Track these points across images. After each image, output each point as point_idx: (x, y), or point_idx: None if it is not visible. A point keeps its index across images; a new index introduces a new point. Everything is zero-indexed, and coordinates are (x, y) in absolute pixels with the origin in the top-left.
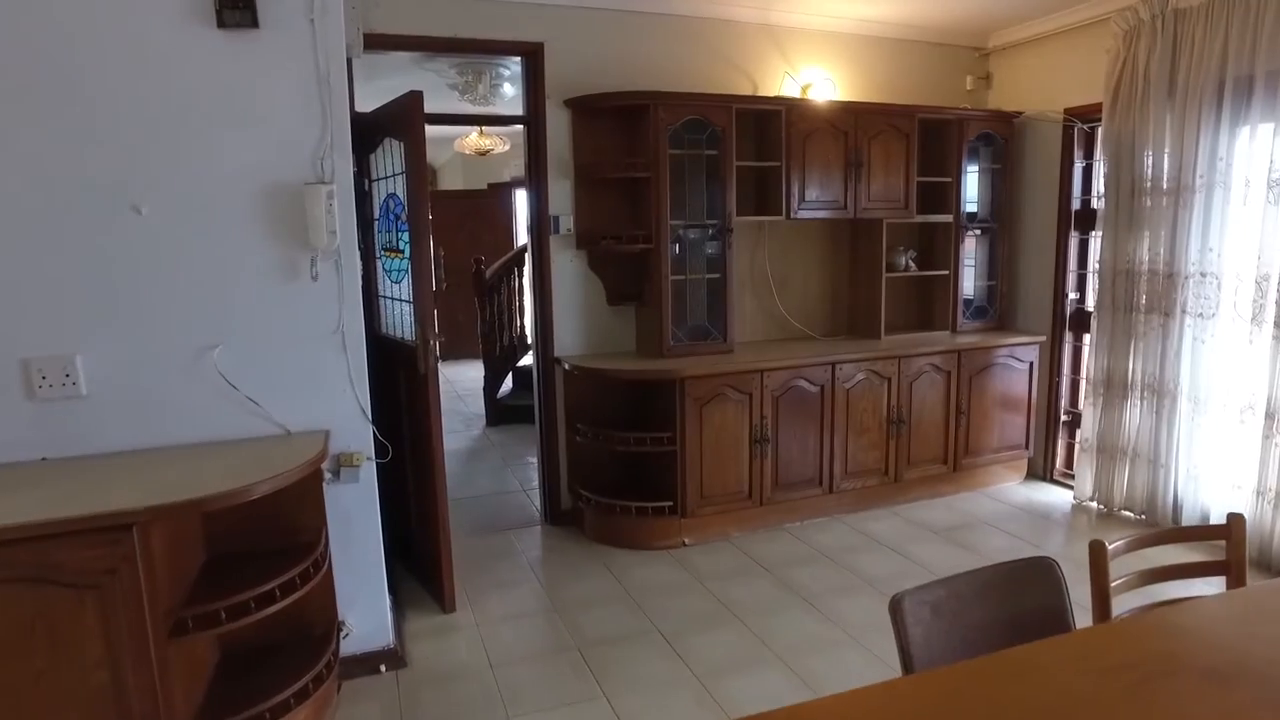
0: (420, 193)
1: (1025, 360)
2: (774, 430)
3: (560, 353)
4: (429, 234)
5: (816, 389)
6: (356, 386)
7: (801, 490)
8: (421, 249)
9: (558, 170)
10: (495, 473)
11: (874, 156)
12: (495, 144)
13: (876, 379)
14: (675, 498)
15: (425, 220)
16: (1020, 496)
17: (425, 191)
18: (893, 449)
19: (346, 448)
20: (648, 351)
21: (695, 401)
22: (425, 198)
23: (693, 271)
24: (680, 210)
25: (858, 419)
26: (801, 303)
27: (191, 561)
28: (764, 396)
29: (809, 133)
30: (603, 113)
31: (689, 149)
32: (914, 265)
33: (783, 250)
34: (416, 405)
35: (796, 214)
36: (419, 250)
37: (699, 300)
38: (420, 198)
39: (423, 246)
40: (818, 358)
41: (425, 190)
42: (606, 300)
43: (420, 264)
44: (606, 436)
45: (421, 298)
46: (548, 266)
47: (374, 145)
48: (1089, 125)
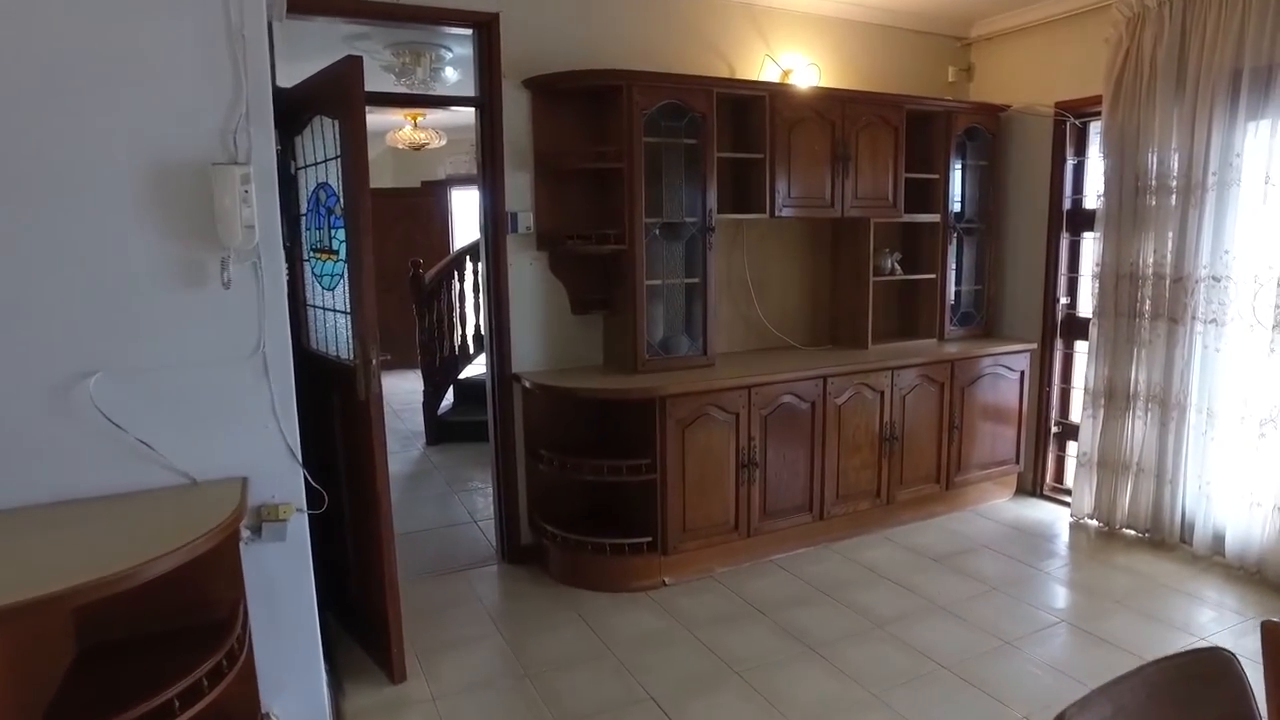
0: (360, 181)
1: (1016, 369)
2: (763, 453)
3: (519, 368)
4: (370, 231)
5: (807, 406)
6: (283, 421)
7: (791, 518)
8: (361, 248)
9: (515, 160)
10: (441, 501)
11: (861, 150)
12: (430, 138)
13: (869, 393)
14: (655, 532)
15: (366, 214)
16: (1013, 514)
17: (365, 179)
18: (885, 468)
19: (270, 498)
20: (618, 366)
21: (677, 424)
22: (366, 186)
23: (669, 276)
24: (655, 207)
25: (850, 437)
26: (781, 309)
27: (53, 663)
28: (752, 416)
29: (794, 122)
30: (567, 95)
31: (666, 137)
32: (899, 268)
33: (761, 252)
34: (356, 438)
35: (780, 212)
36: (358, 250)
37: (676, 308)
38: (360, 186)
39: (363, 246)
40: (808, 371)
41: (365, 178)
42: (571, 308)
43: (360, 267)
44: (574, 464)
45: (362, 308)
46: (504, 270)
47: (301, 126)
48: (1082, 120)
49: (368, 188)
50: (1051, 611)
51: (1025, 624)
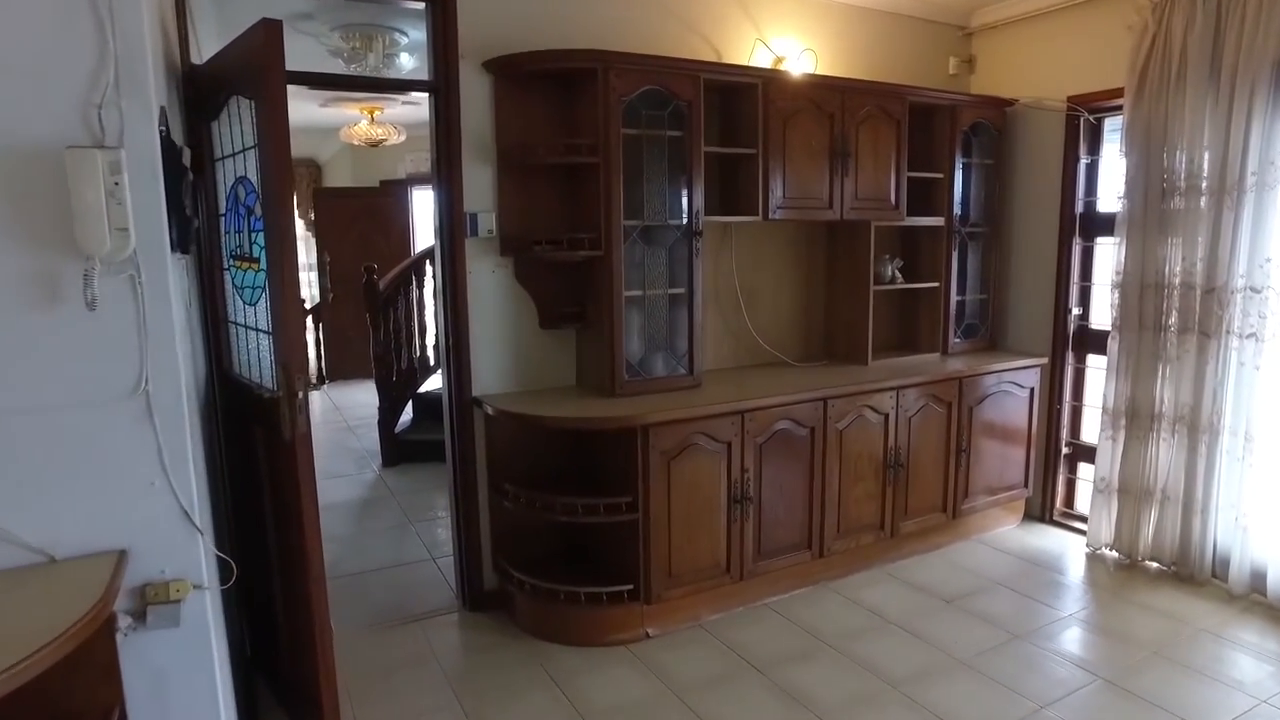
0: (280, 174)
1: (1026, 386)
2: (757, 486)
3: (480, 390)
4: (293, 233)
5: (806, 432)
6: (175, 476)
7: (787, 557)
8: (283, 256)
9: (476, 154)
10: (396, 534)
11: (862, 146)
12: (388, 134)
13: (873, 416)
14: (637, 579)
15: (288, 212)
16: (1022, 544)
17: (287, 170)
18: (890, 498)
19: (159, 574)
20: (593, 387)
21: (662, 456)
22: (288, 179)
23: (651, 285)
24: (635, 208)
25: (852, 465)
26: (772, 321)
27: None
28: (745, 445)
29: (790, 114)
30: (536, 79)
31: (647, 128)
32: (900, 276)
33: (751, 258)
34: (281, 483)
35: (774, 214)
36: (280, 258)
37: (659, 322)
38: (280, 179)
39: (285, 253)
40: (808, 393)
41: (287, 169)
42: (539, 322)
43: (283, 278)
44: (544, 502)
45: (285, 329)
46: (462, 279)
47: (216, 109)
48: (1097, 116)
49: (290, 182)
50: (1081, 664)
51: (1055, 681)
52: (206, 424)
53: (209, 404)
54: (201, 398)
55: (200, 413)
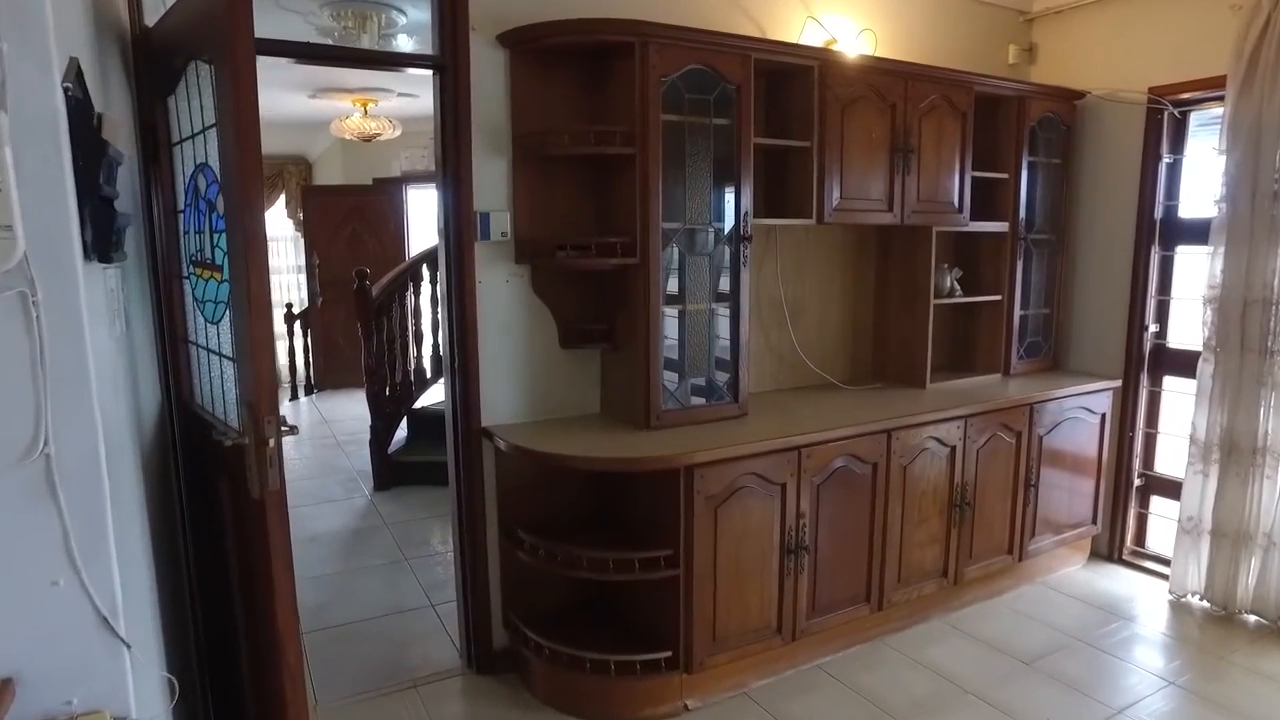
0: (246, 155)
1: (1097, 412)
2: (813, 532)
3: (490, 420)
4: (263, 233)
5: (868, 469)
6: (87, 569)
7: (843, 612)
8: (250, 262)
9: (488, 143)
10: (389, 574)
11: (925, 140)
12: (383, 128)
13: (939, 448)
14: (676, 645)
15: (255, 206)
16: (1092, 587)
17: (254, 152)
18: (954, 541)
19: (64, 707)
20: (622, 417)
21: (707, 501)
22: (255, 164)
23: (692, 299)
24: (675, 208)
25: (916, 504)
26: (818, 337)
27: None
28: (802, 486)
29: (849, 102)
30: (560, 55)
31: (690, 114)
32: (959, 288)
33: (795, 267)
34: (249, 552)
35: (830, 216)
36: (246, 265)
37: (700, 341)
38: (246, 164)
39: (252, 257)
40: (870, 424)
41: (254, 150)
42: (559, 341)
43: (249, 291)
44: (568, 556)
45: (254, 357)
46: (471, 290)
47: (173, 79)
48: (1182, 109)
49: (258, 168)
50: None
51: None
52: (156, 475)
53: (161, 446)
54: (147, 443)
55: (144, 464)
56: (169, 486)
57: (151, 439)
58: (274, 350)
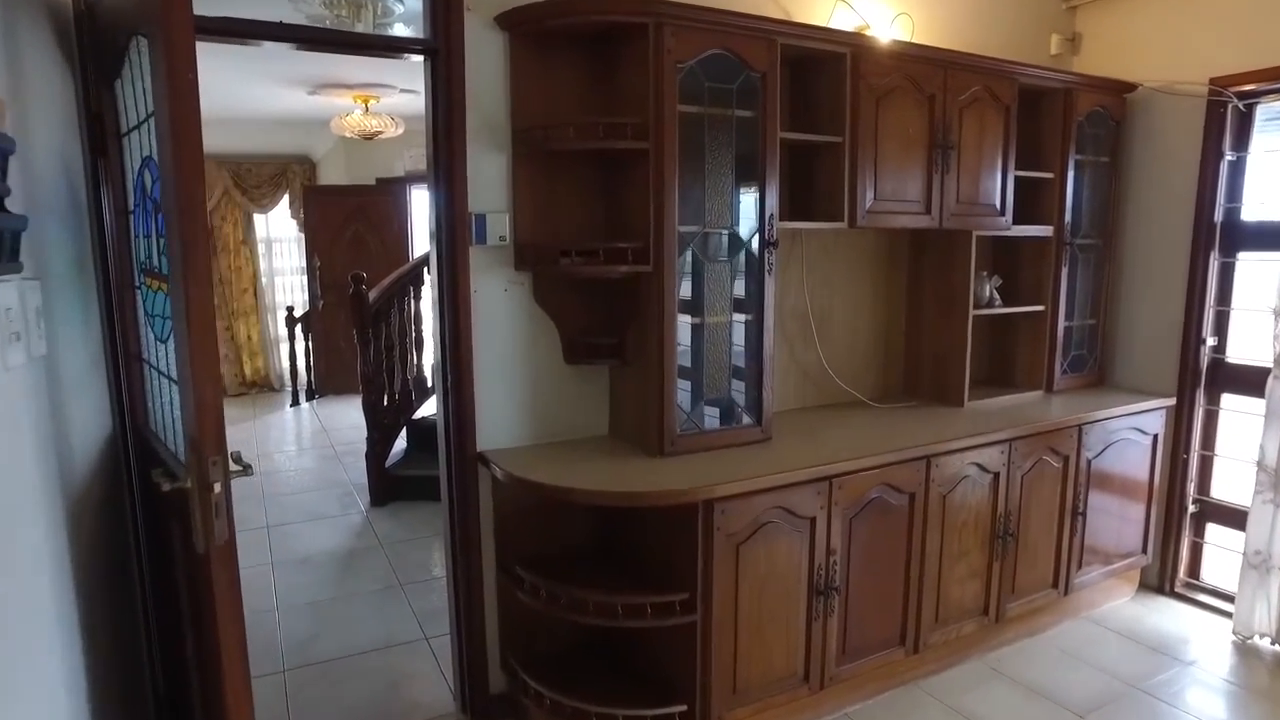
0: (184, 148)
1: (1149, 432)
2: (844, 571)
3: (486, 443)
4: (205, 239)
5: (904, 499)
6: None
7: (876, 657)
8: (191, 272)
9: (485, 137)
10: (383, 601)
11: (965, 136)
12: (384, 125)
13: (981, 475)
14: (691, 697)
15: (194, 209)
16: (1142, 624)
17: (192, 142)
18: (996, 576)
19: None
20: (632, 441)
21: (729, 540)
22: (193, 159)
23: (711, 310)
24: (693, 209)
25: (956, 537)
26: (846, 351)
27: None
28: (833, 520)
29: (884, 93)
30: (565, 38)
31: (711, 105)
32: (998, 297)
33: (821, 274)
34: (199, 612)
35: (863, 219)
36: (186, 275)
37: (720, 357)
38: (184, 156)
39: (190, 268)
40: (908, 450)
41: (193, 137)
42: (564, 355)
43: (190, 307)
44: (573, 599)
45: (196, 383)
46: (465, 299)
47: (117, 59)
48: (1248, 102)
49: (198, 162)
50: None
51: None
52: (100, 511)
53: (111, 477)
54: (79, 481)
55: (75, 505)
56: (120, 522)
57: (92, 473)
58: (218, 376)
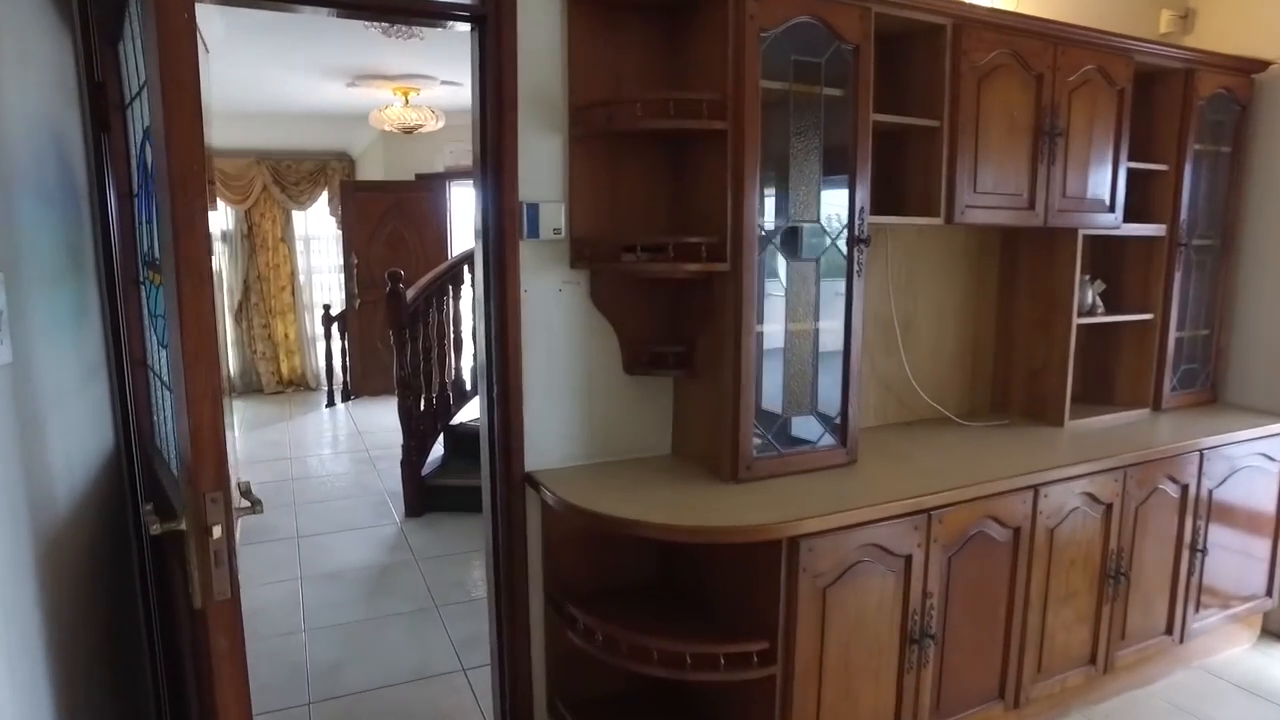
0: (176, 99)
1: (1278, 459)
2: (941, 616)
3: (535, 462)
4: (204, 221)
5: (1009, 534)
6: None
7: (972, 711)
8: (185, 262)
9: (538, 117)
10: (417, 623)
11: (1074, 122)
12: (425, 118)
13: (1092, 506)
14: None
15: (190, 178)
16: (1266, 675)
17: (186, 95)
18: (1106, 620)
19: None
20: (701, 462)
21: (814, 582)
22: (188, 112)
23: (794, 316)
24: (775, 201)
25: (1063, 576)
26: (930, 362)
27: None
28: (931, 558)
29: (988, 72)
30: (629, 6)
31: (797, 82)
32: (1100, 304)
33: (907, 276)
34: (200, 673)
35: (962, 215)
36: (180, 266)
37: (803, 369)
38: (176, 114)
39: (188, 255)
40: (1015, 477)
41: (187, 91)
42: (623, 364)
43: (186, 306)
44: (634, 646)
45: (194, 401)
46: (514, 300)
47: (119, 17)
48: None
49: (195, 121)
50: None
51: None
52: (96, 538)
53: (112, 498)
54: (63, 508)
55: (58, 534)
56: (122, 561)
57: (80, 504)
58: (218, 390)
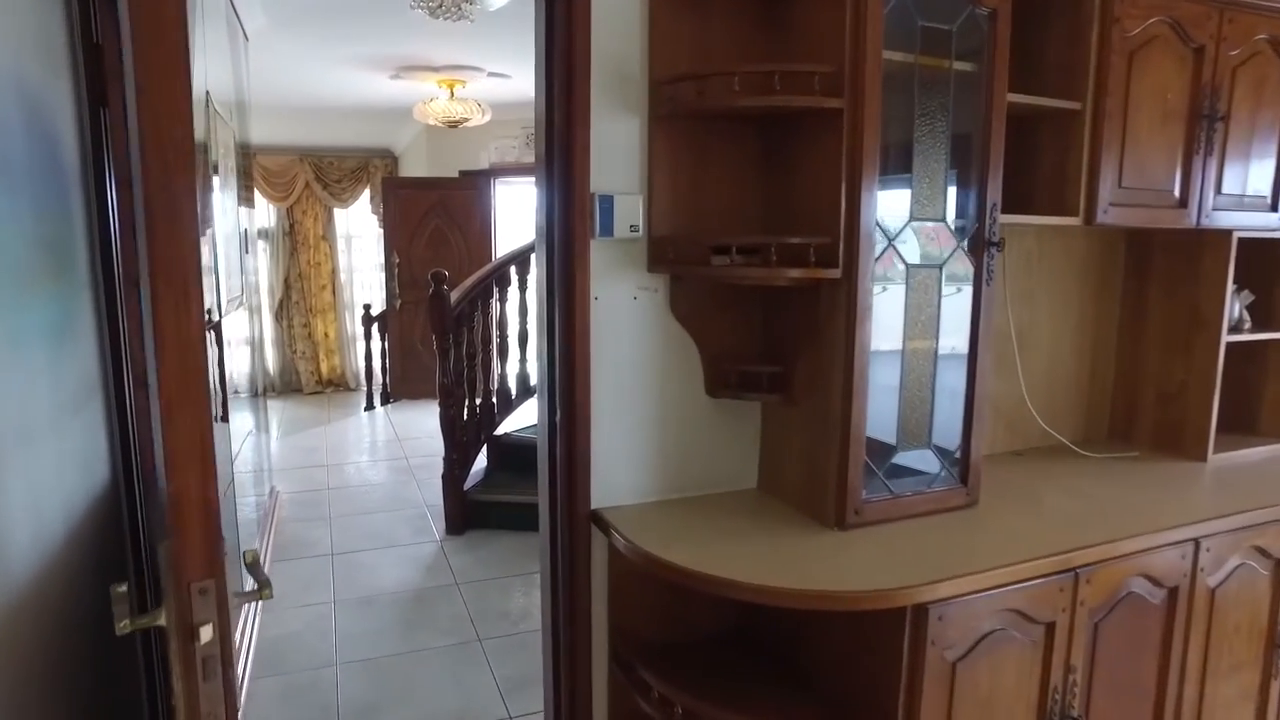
0: (154, 48)
1: None
2: (1085, 695)
3: (602, 497)
4: (189, 207)
5: (1162, 596)
6: None
7: None
8: (166, 268)
9: (614, 92)
10: (457, 663)
11: (1237, 104)
12: (470, 112)
13: (1261, 562)
14: None
15: (173, 152)
16: None
17: (170, 43)
18: (1275, 697)
19: None
20: (796, 502)
21: (942, 654)
22: (169, 63)
23: (913, 334)
24: (896, 195)
25: (1224, 646)
26: (1046, 382)
27: None
28: (1076, 624)
29: (1141, 44)
30: None
31: (925, 53)
32: (1248, 317)
33: (1024, 285)
34: None
35: (1104, 215)
36: (158, 277)
37: (921, 395)
38: (154, 65)
39: (169, 257)
40: (1175, 527)
41: (170, 40)
42: (705, 385)
43: (165, 330)
44: None
45: (172, 448)
46: (581, 309)
47: None
48: None
49: (179, 72)
50: None
51: None
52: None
53: (102, 556)
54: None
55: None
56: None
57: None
58: (209, 450)
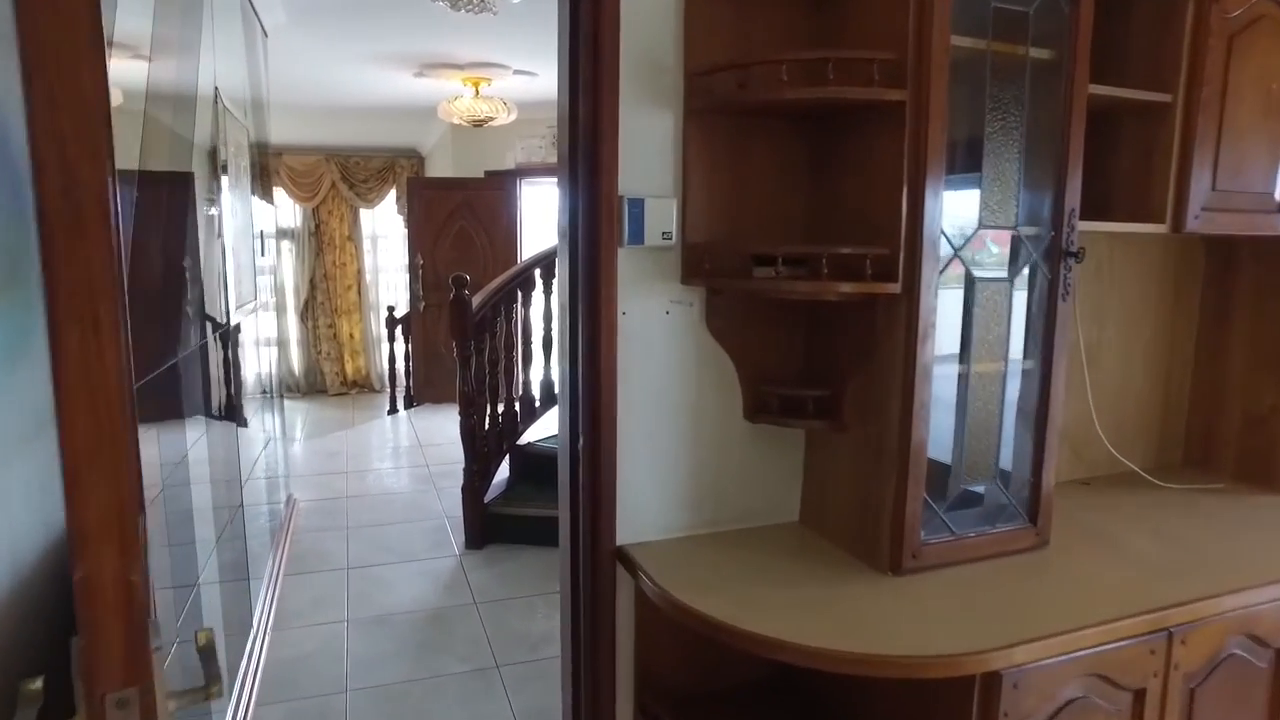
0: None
1: None
2: None
3: (629, 533)
4: (95, 201)
5: (1269, 657)
6: None
7: None
8: (69, 289)
9: (645, 83)
10: (473, 693)
11: None
12: (496, 110)
13: None
14: None
15: (70, 152)
16: None
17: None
18: None
19: None
20: (843, 541)
21: None
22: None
23: (980, 355)
24: (964, 199)
25: None
26: (1115, 405)
27: None
28: (1169, 689)
29: (1242, 26)
30: None
31: (999, 40)
32: None
33: (1095, 298)
34: None
35: (1194, 221)
36: (58, 298)
37: (988, 423)
38: (44, 40)
39: (72, 276)
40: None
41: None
42: (744, 409)
43: (70, 367)
44: None
45: (84, 540)
46: (608, 325)
47: None
48: None
49: (91, 71)
50: None
51: None
52: None
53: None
54: None
55: None
56: None
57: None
58: (133, 524)
